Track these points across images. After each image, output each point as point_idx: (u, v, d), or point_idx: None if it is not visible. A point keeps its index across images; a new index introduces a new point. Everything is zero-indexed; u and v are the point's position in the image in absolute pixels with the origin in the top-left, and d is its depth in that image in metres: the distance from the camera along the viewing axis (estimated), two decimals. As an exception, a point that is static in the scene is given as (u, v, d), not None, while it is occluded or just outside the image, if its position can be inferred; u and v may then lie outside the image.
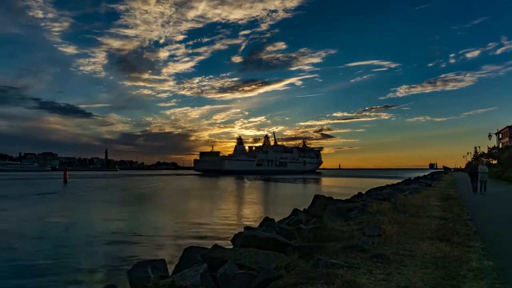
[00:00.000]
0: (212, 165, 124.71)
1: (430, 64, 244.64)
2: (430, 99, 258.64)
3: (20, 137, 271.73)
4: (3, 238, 15.33)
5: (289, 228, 9.76)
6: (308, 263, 5.51)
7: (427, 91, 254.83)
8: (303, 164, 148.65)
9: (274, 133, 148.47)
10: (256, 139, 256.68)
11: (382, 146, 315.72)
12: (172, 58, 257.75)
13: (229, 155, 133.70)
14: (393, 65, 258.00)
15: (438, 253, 6.16)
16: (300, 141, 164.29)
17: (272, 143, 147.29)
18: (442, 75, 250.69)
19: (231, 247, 8.28)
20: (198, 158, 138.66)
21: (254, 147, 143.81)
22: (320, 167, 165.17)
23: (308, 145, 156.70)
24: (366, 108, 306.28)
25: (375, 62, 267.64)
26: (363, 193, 24.61)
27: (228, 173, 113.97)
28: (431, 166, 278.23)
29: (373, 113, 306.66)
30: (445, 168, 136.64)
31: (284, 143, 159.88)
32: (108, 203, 31.02)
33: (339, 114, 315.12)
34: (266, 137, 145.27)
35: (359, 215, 10.75)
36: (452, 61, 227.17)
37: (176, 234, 16.05)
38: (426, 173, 77.94)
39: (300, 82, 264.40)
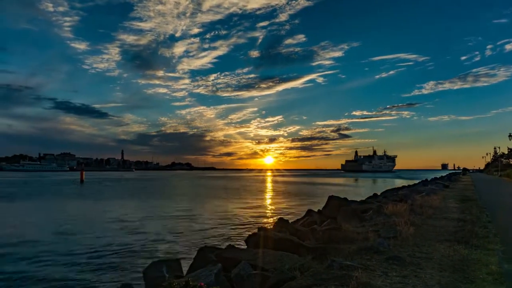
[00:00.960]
0: (354, 167, 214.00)
1: (463, 58, 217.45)
2: (458, 96, 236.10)
3: (39, 138, 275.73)
4: (28, 233, 15.74)
5: (303, 229, 9.72)
6: (322, 265, 5.47)
7: (455, 88, 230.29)
8: (387, 167, 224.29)
9: (374, 148, 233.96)
10: (271, 139, 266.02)
11: (400, 146, 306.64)
12: (187, 53, 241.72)
13: (352, 161, 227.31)
14: (421, 59, 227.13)
15: (456, 255, 6.04)
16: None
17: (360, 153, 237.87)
18: (474, 70, 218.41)
19: (245, 247, 8.30)
20: (344, 163, 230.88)
21: (362, 156, 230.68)
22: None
23: (387, 154, 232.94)
24: (388, 106, 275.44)
25: (402, 55, 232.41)
26: (378, 194, 24.33)
27: (362, 171, 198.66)
28: (444, 166, 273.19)
29: (394, 112, 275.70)
30: (464, 169, 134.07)
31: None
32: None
33: (358, 113, 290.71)
34: (374, 151, 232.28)
35: (374, 216, 10.62)
36: (489, 53, 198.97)
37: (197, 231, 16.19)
38: (443, 174, 76.52)
39: (319, 79, 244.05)
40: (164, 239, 15.21)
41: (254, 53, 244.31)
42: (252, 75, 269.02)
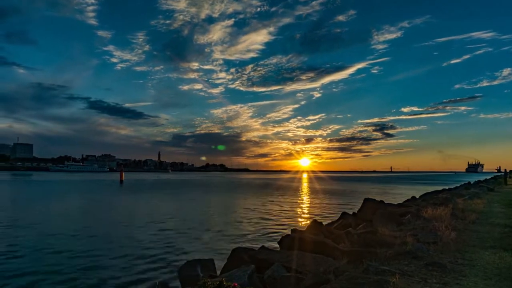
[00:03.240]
0: (473, 170, 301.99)
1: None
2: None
3: (80, 139, 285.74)
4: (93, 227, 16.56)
5: (337, 232, 9.56)
6: (357, 269, 5.34)
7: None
8: (483, 170, 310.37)
9: (477, 161, 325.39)
10: (308, 139, 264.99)
11: (448, 146, 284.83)
12: (223, 39, 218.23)
13: (471, 167, 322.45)
14: (500, 37, 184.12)
15: (501, 263, 5.70)
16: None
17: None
18: None
19: (278, 249, 8.27)
20: (467, 167, 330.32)
21: (470, 163, 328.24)
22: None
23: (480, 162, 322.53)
24: (444, 101, 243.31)
25: (475, 34, 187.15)
26: (417, 197, 23.47)
27: (477, 173, 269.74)
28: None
29: (449, 107, 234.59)
30: (510, 171, 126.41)
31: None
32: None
33: (406, 109, 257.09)
34: (478, 161, 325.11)
35: (413, 220, 10.24)
36: None
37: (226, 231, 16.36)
38: (488, 177, 72.51)
39: (372, 69, 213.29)
40: (199, 238, 15.48)
41: (297, 36, 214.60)
42: (293, 65, 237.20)
